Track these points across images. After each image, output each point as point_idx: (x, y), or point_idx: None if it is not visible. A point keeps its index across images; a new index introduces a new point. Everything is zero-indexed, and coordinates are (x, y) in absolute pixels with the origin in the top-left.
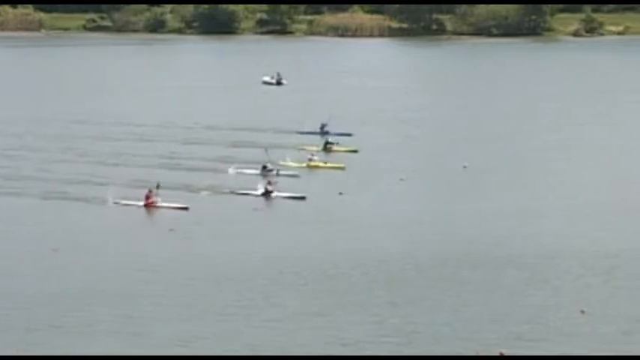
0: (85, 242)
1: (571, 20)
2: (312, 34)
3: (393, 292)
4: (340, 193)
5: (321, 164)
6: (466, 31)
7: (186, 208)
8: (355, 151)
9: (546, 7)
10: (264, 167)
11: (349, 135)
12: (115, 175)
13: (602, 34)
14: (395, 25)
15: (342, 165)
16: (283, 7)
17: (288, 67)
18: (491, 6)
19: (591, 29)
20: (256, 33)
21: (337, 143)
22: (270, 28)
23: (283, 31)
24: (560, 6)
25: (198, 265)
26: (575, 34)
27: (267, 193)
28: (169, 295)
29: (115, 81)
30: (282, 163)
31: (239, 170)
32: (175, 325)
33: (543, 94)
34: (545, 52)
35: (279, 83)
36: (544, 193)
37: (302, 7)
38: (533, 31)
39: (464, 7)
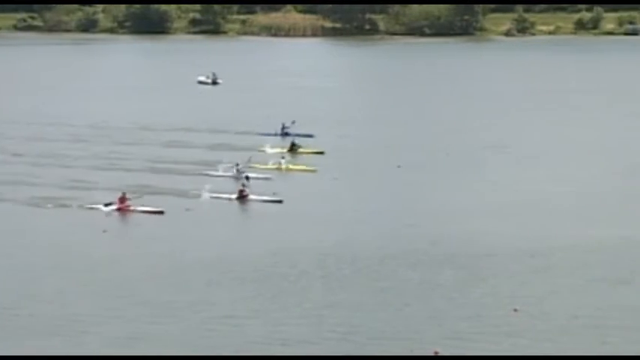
0: (19, 244)
1: (503, 20)
2: (245, 33)
3: (331, 292)
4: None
5: (292, 167)
6: (399, 31)
7: (161, 212)
8: (322, 153)
9: (478, 7)
10: (237, 170)
11: (311, 136)
12: (49, 175)
13: (533, 34)
14: (328, 24)
15: (313, 168)
16: (216, 6)
17: (223, 66)
18: (424, 6)
19: (523, 29)
20: (189, 33)
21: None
22: (203, 27)
23: (216, 30)
24: (492, 6)
25: (143, 265)
26: (507, 33)
27: (242, 197)
28: (106, 296)
29: (46, 81)
30: (253, 166)
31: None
32: (110, 326)
33: (477, 94)
34: (477, 51)
35: (214, 83)
36: (479, 192)
37: (235, 7)
38: (465, 30)
39: (397, 7)
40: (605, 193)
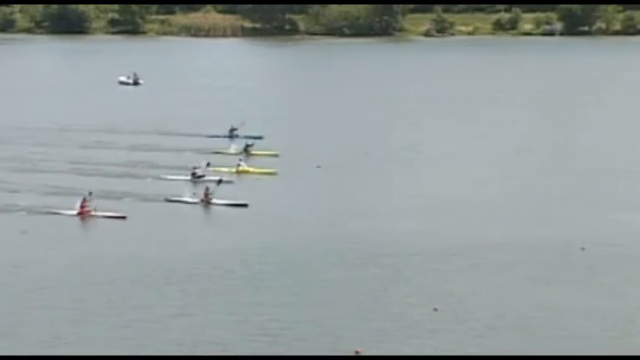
0: None
1: (422, 20)
2: (165, 34)
3: (256, 292)
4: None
5: (251, 170)
6: (319, 31)
7: (123, 217)
8: (276, 155)
9: (397, 8)
10: (194, 174)
11: (260, 138)
12: None
13: (452, 34)
14: (248, 25)
15: (273, 170)
16: (134, 7)
17: (143, 67)
18: (343, 6)
19: (442, 29)
20: (108, 33)
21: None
22: (122, 28)
23: (135, 31)
24: (412, 6)
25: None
26: (427, 34)
27: (205, 201)
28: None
29: None
30: (210, 169)
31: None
32: (39, 327)
33: (396, 94)
34: (397, 52)
35: (136, 83)
36: (400, 192)
37: (154, 7)
38: (385, 31)
39: (316, 8)
40: (525, 193)
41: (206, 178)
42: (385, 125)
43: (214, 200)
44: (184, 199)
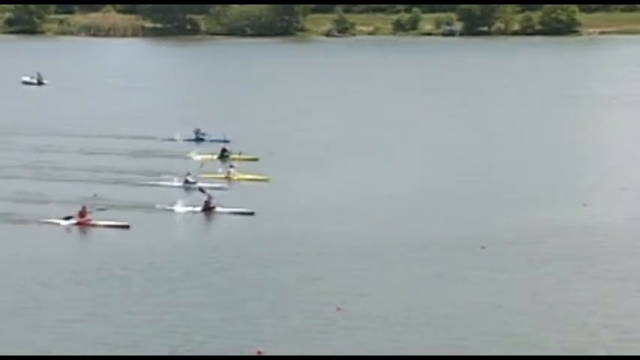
0: None
1: (323, 21)
2: (64, 33)
3: (168, 292)
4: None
5: (242, 176)
6: (220, 31)
7: (127, 227)
8: (256, 160)
9: (298, 8)
10: (187, 181)
11: (227, 141)
12: None
13: (353, 35)
14: (149, 25)
15: (265, 177)
16: (32, 6)
17: (45, 67)
18: (245, 6)
19: (343, 29)
20: (5, 32)
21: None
22: (20, 27)
23: (33, 30)
24: (312, 6)
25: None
26: (328, 34)
27: (208, 209)
28: None
29: None
30: (202, 175)
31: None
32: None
33: (298, 94)
34: (298, 52)
35: (40, 83)
36: (311, 191)
37: (52, 7)
38: (286, 31)
39: (217, 7)
40: (428, 191)
41: (198, 184)
42: (287, 124)
43: (218, 208)
44: (184, 208)
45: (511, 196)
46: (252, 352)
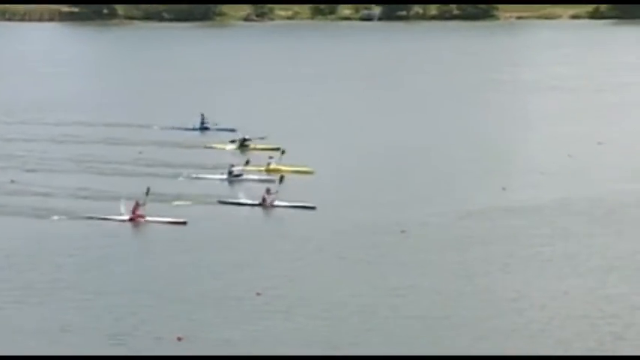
0: None
1: (242, 5)
2: None
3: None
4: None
5: (283, 168)
6: (137, 15)
7: (184, 223)
8: (278, 149)
9: None
10: (230, 172)
11: (233, 130)
12: None
13: (272, 19)
14: (65, 9)
15: (310, 169)
16: None
17: None
18: None
19: (261, 14)
20: None
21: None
22: None
23: None
24: None
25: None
26: (247, 18)
27: (264, 204)
28: None
29: None
30: (244, 167)
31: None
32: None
33: (216, 78)
34: (218, 36)
35: None
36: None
37: None
38: (205, 15)
39: None
40: (353, 176)
41: (244, 177)
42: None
43: (277, 202)
44: (241, 200)
45: (430, 181)
46: (173, 339)
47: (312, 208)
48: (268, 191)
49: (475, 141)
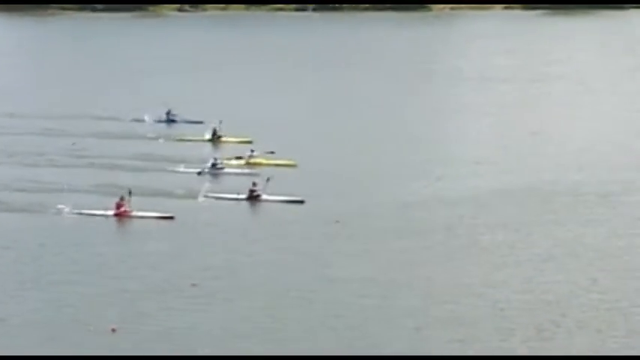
0: None
1: None
2: None
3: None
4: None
5: (264, 161)
6: (70, 4)
7: (171, 218)
8: (250, 142)
9: None
10: (214, 165)
11: (200, 122)
12: None
13: (205, 10)
14: None
15: (292, 162)
16: None
17: None
18: None
19: (195, 4)
20: None
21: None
22: None
23: None
24: None
25: None
26: (180, 9)
27: (253, 197)
28: None
29: None
30: (226, 161)
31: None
32: None
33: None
34: (151, 26)
35: None
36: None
37: None
38: (138, 5)
39: None
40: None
41: (226, 170)
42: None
43: (264, 197)
44: (226, 195)
45: (364, 171)
46: (107, 330)
47: (301, 202)
48: (255, 185)
49: (409, 131)
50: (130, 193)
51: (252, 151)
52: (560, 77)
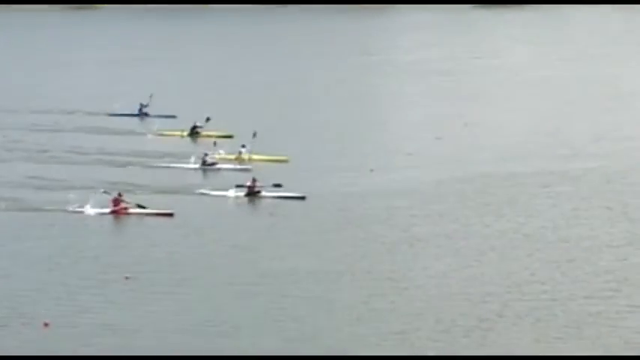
0: None
1: None
2: None
3: None
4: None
5: (255, 157)
6: None
7: (171, 215)
8: (230, 137)
9: None
10: (204, 162)
11: (173, 117)
12: None
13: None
14: None
15: (284, 157)
16: None
17: None
18: None
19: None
20: None
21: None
22: None
23: None
24: None
25: None
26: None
27: (252, 193)
28: None
29: None
30: (217, 156)
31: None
32: None
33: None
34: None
35: None
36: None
37: None
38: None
39: None
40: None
41: (218, 166)
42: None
43: (264, 193)
44: (227, 192)
45: (297, 164)
46: (40, 324)
47: (302, 198)
48: (254, 181)
49: (341, 122)
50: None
51: (244, 146)
52: (493, 69)
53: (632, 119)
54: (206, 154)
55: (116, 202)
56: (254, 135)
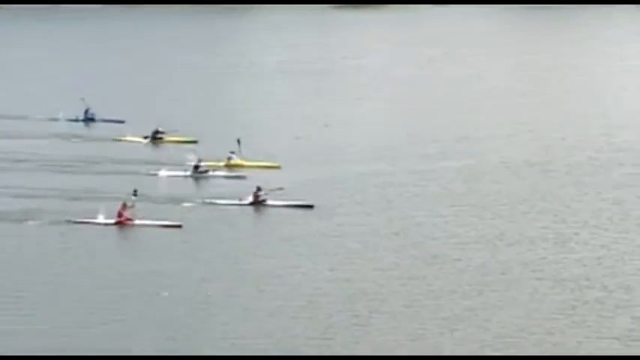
0: None
1: None
2: None
3: None
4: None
5: (246, 163)
6: None
7: (179, 226)
8: (195, 142)
9: None
10: (197, 167)
11: (122, 122)
12: None
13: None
14: None
15: (276, 163)
16: None
17: None
18: None
19: None
20: None
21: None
22: None
23: None
24: None
25: None
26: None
27: (257, 202)
28: None
29: None
30: (211, 163)
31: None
32: None
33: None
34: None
35: None
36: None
37: None
38: None
39: None
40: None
41: (210, 173)
42: None
43: (270, 202)
44: (231, 201)
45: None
46: None
47: (310, 207)
48: (259, 189)
49: (200, 122)
50: (135, 193)
51: (232, 152)
52: (358, 69)
53: (494, 118)
54: (200, 160)
55: (121, 211)
56: (238, 141)
